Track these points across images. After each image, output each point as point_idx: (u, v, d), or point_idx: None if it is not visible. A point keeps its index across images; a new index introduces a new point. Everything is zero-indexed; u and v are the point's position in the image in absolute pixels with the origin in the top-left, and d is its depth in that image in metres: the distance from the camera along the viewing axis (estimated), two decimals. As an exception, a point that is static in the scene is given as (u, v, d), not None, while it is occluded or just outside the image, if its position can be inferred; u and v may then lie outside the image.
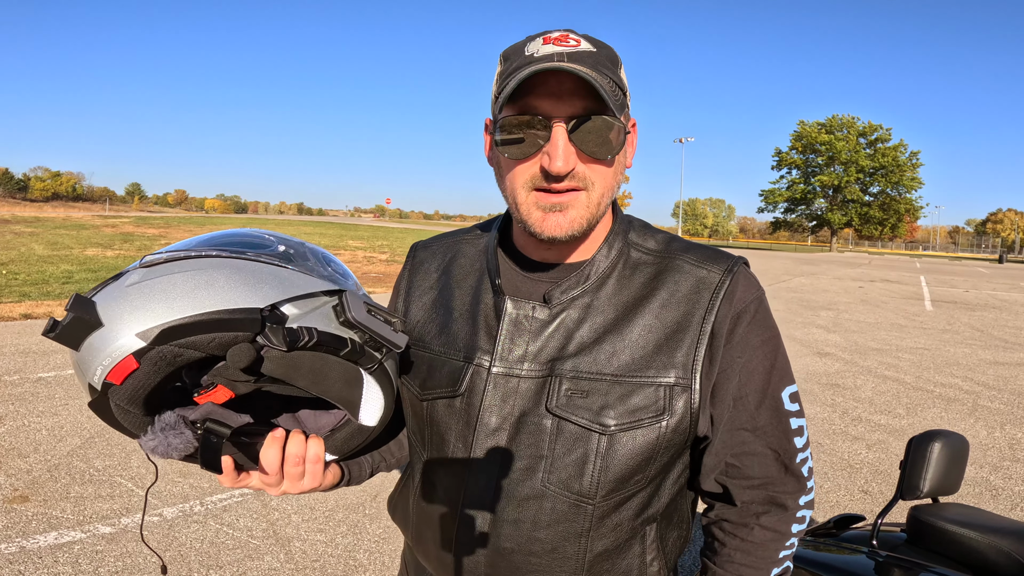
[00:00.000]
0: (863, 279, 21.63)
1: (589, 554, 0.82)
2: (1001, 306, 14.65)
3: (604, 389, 0.79)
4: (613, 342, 0.81)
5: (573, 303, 0.83)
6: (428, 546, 0.89)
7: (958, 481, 1.50)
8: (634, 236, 0.89)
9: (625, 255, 0.86)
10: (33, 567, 2.66)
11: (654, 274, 0.85)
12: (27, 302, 8.88)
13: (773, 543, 0.84)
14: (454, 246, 0.98)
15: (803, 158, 66.31)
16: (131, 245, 19.58)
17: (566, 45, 0.76)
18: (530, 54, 0.76)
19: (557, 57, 0.74)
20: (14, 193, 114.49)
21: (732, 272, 0.84)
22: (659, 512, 0.85)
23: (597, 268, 0.84)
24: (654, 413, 0.79)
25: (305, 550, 2.92)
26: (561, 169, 0.74)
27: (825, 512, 3.54)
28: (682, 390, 0.80)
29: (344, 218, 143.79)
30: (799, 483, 0.84)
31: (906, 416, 5.42)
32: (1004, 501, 3.79)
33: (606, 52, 0.78)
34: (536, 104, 0.74)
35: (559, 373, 0.81)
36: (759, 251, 52.23)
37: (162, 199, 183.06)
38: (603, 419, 0.78)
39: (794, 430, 0.84)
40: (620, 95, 0.76)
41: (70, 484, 3.42)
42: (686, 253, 0.86)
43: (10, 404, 4.65)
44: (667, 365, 0.80)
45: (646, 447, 0.79)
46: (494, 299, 0.86)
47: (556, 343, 0.82)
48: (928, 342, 9.13)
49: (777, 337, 0.86)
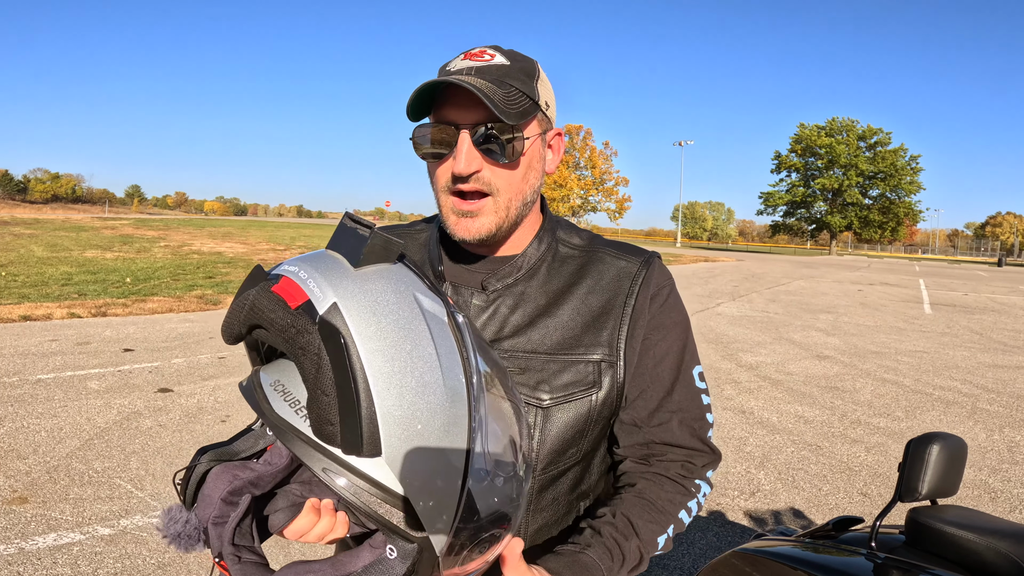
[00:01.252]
0: (862, 282, 21.65)
1: (531, 527, 0.89)
2: (1000, 309, 14.67)
3: (539, 366, 0.86)
4: (545, 324, 0.88)
5: (508, 291, 0.90)
6: None
7: (957, 483, 1.50)
8: (561, 234, 0.98)
9: (554, 250, 0.95)
10: (32, 568, 2.66)
11: (580, 265, 0.94)
12: (26, 304, 8.87)
13: (680, 496, 0.88)
14: (398, 239, 1.01)
15: (803, 161, 66.41)
16: (130, 247, 19.58)
17: (479, 60, 0.84)
18: (449, 69, 0.85)
19: (466, 71, 0.82)
20: (13, 195, 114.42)
21: (648, 263, 0.93)
22: (590, 488, 0.94)
23: (528, 260, 0.92)
24: (585, 387, 0.86)
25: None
26: (463, 170, 0.81)
27: (824, 514, 3.54)
28: (608, 366, 0.87)
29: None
30: (713, 455, 0.92)
31: (905, 419, 5.43)
32: (1003, 503, 3.79)
33: (521, 65, 0.85)
34: (447, 113, 0.83)
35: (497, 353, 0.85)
36: (759, 254, 52.26)
37: (162, 201, 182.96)
38: (539, 394, 0.85)
39: (704, 406, 0.92)
40: (525, 104, 0.83)
41: (69, 486, 3.42)
42: (608, 247, 0.96)
43: (9, 406, 4.65)
44: (594, 343, 0.88)
45: (578, 419, 0.86)
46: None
47: (493, 327, 0.89)
48: (927, 345, 9.14)
49: (687, 320, 0.95)
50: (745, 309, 12.40)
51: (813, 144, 64.31)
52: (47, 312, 8.30)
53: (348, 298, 0.55)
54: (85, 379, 5.42)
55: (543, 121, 0.89)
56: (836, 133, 64.29)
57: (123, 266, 14.13)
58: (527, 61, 0.87)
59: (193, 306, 9.55)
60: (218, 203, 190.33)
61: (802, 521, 3.47)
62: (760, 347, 8.41)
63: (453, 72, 0.83)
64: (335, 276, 0.57)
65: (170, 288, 11.18)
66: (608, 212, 65.65)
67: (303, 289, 0.56)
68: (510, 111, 0.80)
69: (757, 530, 2.85)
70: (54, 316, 8.12)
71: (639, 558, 0.83)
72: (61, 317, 8.13)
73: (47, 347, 6.48)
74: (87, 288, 10.56)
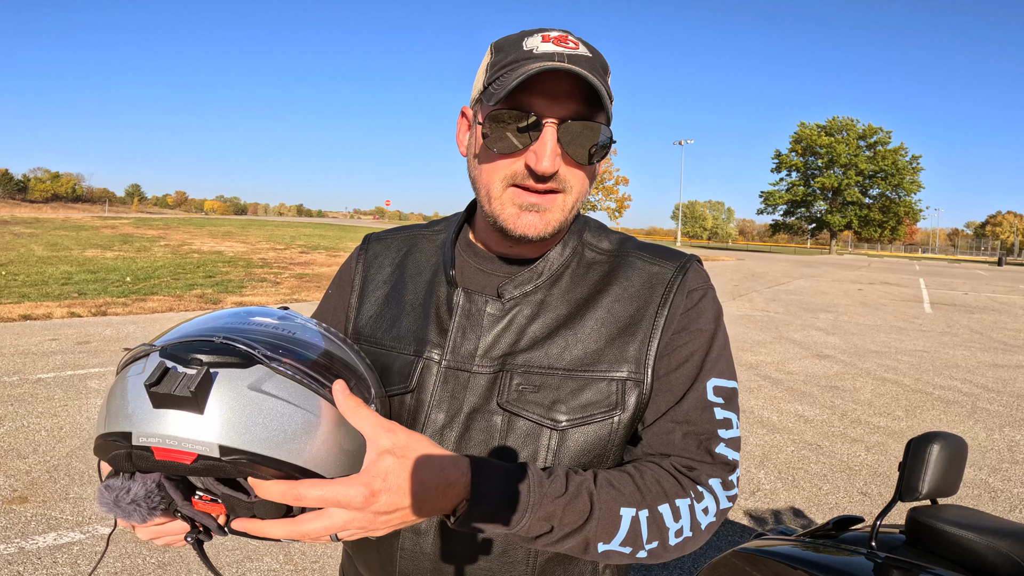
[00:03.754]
0: (862, 281, 21.65)
1: (541, 557, 0.80)
2: (1000, 308, 14.66)
3: (556, 384, 0.78)
4: (565, 337, 0.80)
5: (526, 299, 0.82)
6: (369, 552, 0.86)
7: (957, 483, 1.50)
8: (589, 236, 0.89)
9: (579, 254, 0.87)
10: (32, 568, 2.66)
11: (607, 271, 0.85)
12: (26, 303, 8.87)
13: (669, 486, 0.75)
14: (410, 240, 0.96)
15: (803, 160, 66.37)
16: (131, 246, 19.57)
17: (566, 46, 0.75)
18: (529, 50, 0.75)
19: (558, 57, 0.73)
20: (14, 194, 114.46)
21: (684, 268, 0.84)
22: None
23: (551, 265, 0.84)
24: (606, 408, 0.78)
25: (304, 551, 2.91)
26: (547, 169, 0.73)
27: (824, 514, 3.54)
28: (635, 385, 0.79)
29: (344, 220, 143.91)
30: (722, 466, 0.78)
31: (905, 418, 5.42)
32: (1003, 503, 3.79)
33: (600, 59, 0.78)
34: (530, 102, 0.73)
35: (510, 368, 0.79)
36: (758, 253, 52.27)
37: (162, 200, 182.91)
38: (554, 414, 0.77)
39: (718, 420, 0.79)
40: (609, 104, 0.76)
41: (69, 485, 3.42)
42: (640, 251, 0.87)
43: (9, 405, 4.65)
44: (619, 359, 0.79)
45: (597, 443, 0.78)
46: (447, 291, 0.85)
47: (508, 338, 0.81)
48: (927, 344, 9.14)
49: (717, 329, 0.83)
50: (745, 308, 12.40)
51: (813, 143, 64.28)
52: (47, 311, 8.30)
53: (228, 438, 0.59)
54: (85, 378, 5.42)
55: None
56: (836, 132, 64.26)
57: (123, 265, 14.13)
58: (602, 56, 0.79)
59: (193, 305, 9.55)
60: (218, 202, 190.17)
61: (802, 520, 3.47)
62: (760, 346, 8.41)
63: (540, 56, 0.73)
64: (200, 426, 0.58)
65: (170, 287, 11.18)
66: (608, 211, 65.60)
67: (183, 450, 0.58)
68: (609, 111, 0.75)
69: (757, 529, 2.86)
70: (54, 315, 8.12)
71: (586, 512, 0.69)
72: (61, 316, 8.13)
73: (47, 346, 6.48)
74: (87, 287, 10.56)
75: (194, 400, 0.57)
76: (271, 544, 2.95)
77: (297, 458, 0.61)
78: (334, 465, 0.65)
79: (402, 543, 0.81)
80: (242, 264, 15.97)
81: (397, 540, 0.82)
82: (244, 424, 0.59)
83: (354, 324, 0.91)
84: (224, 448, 0.58)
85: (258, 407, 0.60)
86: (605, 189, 64.46)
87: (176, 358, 0.59)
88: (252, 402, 0.60)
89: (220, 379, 0.59)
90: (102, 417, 0.63)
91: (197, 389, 0.57)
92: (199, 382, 0.57)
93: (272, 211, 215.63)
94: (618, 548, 0.71)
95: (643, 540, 0.72)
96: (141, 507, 0.64)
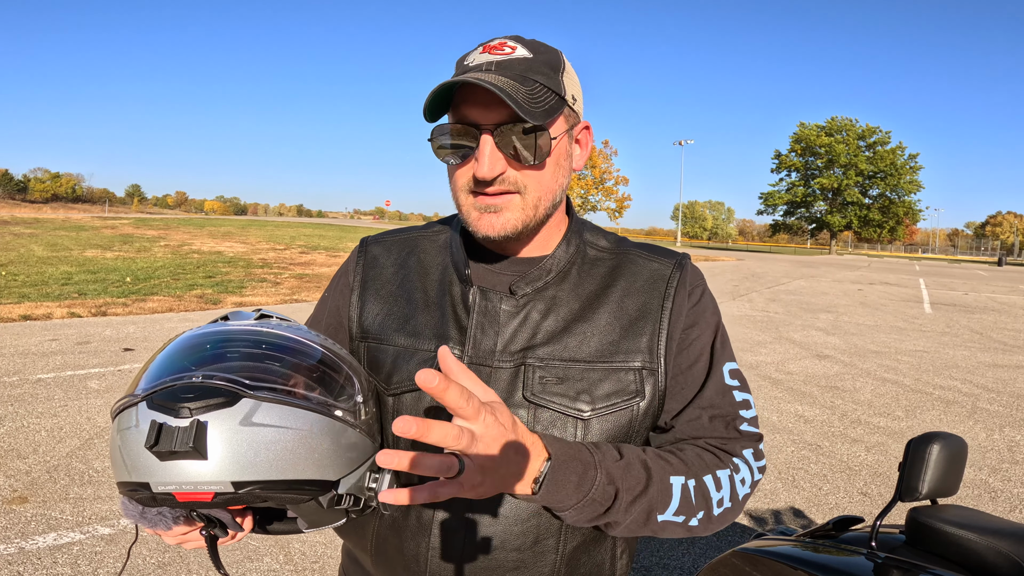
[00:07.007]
0: (862, 282, 21.65)
1: (568, 546, 0.84)
2: (1000, 309, 14.66)
3: (578, 375, 0.82)
4: (582, 330, 0.84)
5: (538, 294, 0.86)
6: (392, 555, 0.87)
7: (957, 483, 1.50)
8: (588, 236, 0.94)
9: (582, 252, 0.91)
10: (32, 568, 2.66)
11: (611, 267, 0.90)
12: (26, 303, 8.87)
13: (710, 458, 0.82)
14: (410, 242, 0.97)
15: (802, 161, 66.31)
16: (130, 247, 19.57)
17: (500, 53, 0.79)
18: (466, 64, 0.80)
19: (486, 66, 0.77)
20: (13, 194, 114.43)
21: (681, 265, 0.91)
22: None
23: (558, 262, 0.88)
24: (627, 396, 0.82)
25: (304, 551, 2.91)
26: (486, 175, 0.77)
27: (824, 514, 3.54)
28: (650, 373, 0.84)
29: (344, 220, 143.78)
30: (750, 440, 0.87)
31: (905, 418, 5.43)
32: (1003, 503, 3.79)
33: (544, 57, 0.80)
34: (467, 113, 0.77)
35: (532, 362, 0.82)
36: (758, 253, 52.27)
37: (162, 200, 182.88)
38: (579, 404, 0.81)
39: (738, 402, 0.87)
40: (551, 100, 0.78)
41: (69, 485, 3.42)
42: (638, 249, 0.93)
43: (9, 405, 4.65)
44: (634, 350, 0.84)
45: (619, 431, 0.82)
46: (463, 289, 0.87)
47: (525, 334, 0.84)
48: (927, 345, 9.14)
49: (719, 319, 0.92)
50: (745, 308, 12.40)
51: (813, 143, 64.23)
52: (47, 311, 8.29)
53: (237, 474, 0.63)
54: (85, 378, 5.42)
55: (570, 116, 0.84)
56: (836, 132, 64.22)
57: (123, 265, 14.13)
58: (551, 52, 0.82)
59: (193, 305, 9.55)
60: (218, 202, 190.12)
61: (802, 520, 3.47)
62: (760, 346, 8.41)
63: (472, 68, 0.78)
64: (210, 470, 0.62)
65: (170, 287, 11.18)
66: (608, 211, 65.61)
67: (201, 492, 0.63)
68: (535, 110, 0.75)
69: (757, 529, 2.85)
70: (54, 315, 8.12)
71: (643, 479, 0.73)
72: (61, 316, 8.13)
73: (47, 346, 6.48)
74: (87, 287, 10.56)
75: (196, 451, 0.60)
76: (271, 544, 2.96)
77: (303, 473, 0.66)
78: (337, 464, 0.69)
79: (432, 541, 0.82)
80: (242, 264, 15.97)
81: (426, 539, 0.83)
82: (248, 459, 0.63)
83: (359, 323, 0.92)
84: (237, 483, 0.62)
85: (255, 440, 0.63)
86: (605, 189, 64.46)
87: (164, 409, 0.62)
88: (248, 437, 0.63)
89: (213, 423, 0.62)
90: (117, 466, 0.66)
91: (195, 442, 0.60)
92: (195, 435, 0.60)
93: (272, 211, 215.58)
94: (672, 518, 0.76)
95: (694, 509, 0.77)
96: (166, 517, 0.71)
